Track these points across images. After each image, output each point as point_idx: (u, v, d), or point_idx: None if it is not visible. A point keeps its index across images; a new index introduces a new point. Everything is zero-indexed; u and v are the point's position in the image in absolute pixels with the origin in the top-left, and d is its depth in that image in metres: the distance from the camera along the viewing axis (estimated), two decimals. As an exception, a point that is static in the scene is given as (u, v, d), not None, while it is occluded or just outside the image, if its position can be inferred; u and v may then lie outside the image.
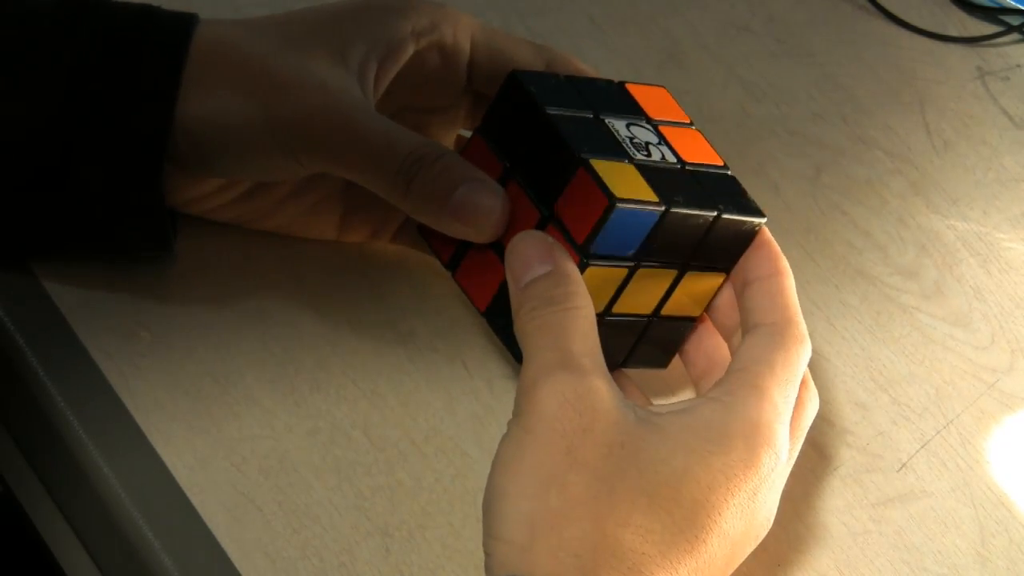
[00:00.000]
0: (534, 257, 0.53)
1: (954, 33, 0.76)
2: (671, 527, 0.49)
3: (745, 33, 0.75)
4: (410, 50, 0.58)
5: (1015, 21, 0.76)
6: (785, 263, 0.56)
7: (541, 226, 0.54)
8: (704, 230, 0.54)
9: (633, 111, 0.57)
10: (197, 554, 0.55)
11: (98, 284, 0.60)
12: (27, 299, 0.60)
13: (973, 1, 0.77)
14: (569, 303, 0.52)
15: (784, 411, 0.52)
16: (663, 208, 0.53)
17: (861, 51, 0.75)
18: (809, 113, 0.72)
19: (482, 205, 0.54)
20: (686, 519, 0.49)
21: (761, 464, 0.51)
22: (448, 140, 0.63)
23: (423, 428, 0.59)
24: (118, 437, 0.57)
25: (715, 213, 0.54)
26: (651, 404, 0.56)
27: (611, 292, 0.55)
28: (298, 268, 0.62)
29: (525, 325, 0.52)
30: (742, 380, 0.52)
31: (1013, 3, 0.77)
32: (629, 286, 0.55)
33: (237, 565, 0.55)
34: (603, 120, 0.55)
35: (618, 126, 0.56)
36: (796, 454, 0.55)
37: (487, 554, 0.50)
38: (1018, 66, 0.75)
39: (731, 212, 0.54)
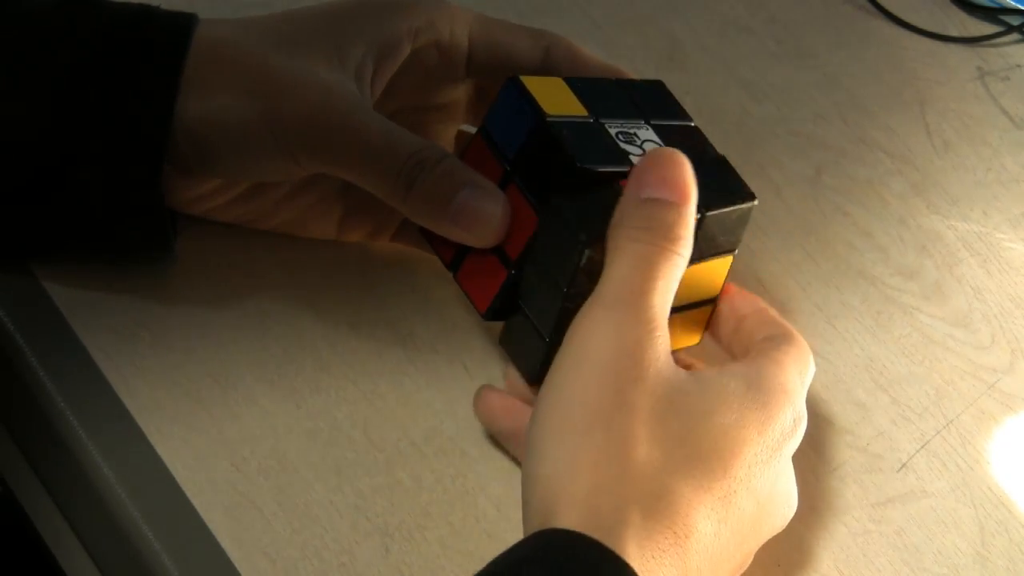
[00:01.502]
0: (670, 179, 0.53)
1: (954, 33, 0.76)
2: (706, 476, 0.51)
3: (745, 33, 0.75)
4: (407, 49, 0.58)
5: (1015, 21, 0.76)
6: (759, 300, 0.58)
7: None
8: (695, 228, 0.54)
9: (632, 112, 0.57)
10: (197, 554, 0.55)
11: (98, 284, 0.60)
12: (27, 299, 0.60)
13: (973, 1, 0.77)
14: (675, 247, 0.52)
15: (800, 387, 0.54)
16: None
17: (861, 51, 0.75)
18: (810, 114, 0.72)
19: (483, 211, 0.54)
20: (720, 470, 0.51)
21: (783, 419, 0.53)
22: (448, 136, 0.63)
23: (423, 428, 0.59)
24: (118, 437, 0.57)
25: (700, 215, 0.54)
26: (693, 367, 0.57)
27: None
28: (298, 268, 0.62)
29: (626, 240, 0.52)
30: (763, 355, 0.54)
31: (1013, 3, 0.77)
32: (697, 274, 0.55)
33: (237, 565, 0.55)
34: (603, 124, 0.55)
35: (616, 128, 0.56)
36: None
37: (524, 502, 0.51)
38: (1018, 66, 0.75)
39: (718, 207, 0.54)
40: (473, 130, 0.62)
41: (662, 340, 0.52)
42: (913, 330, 0.65)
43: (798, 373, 0.55)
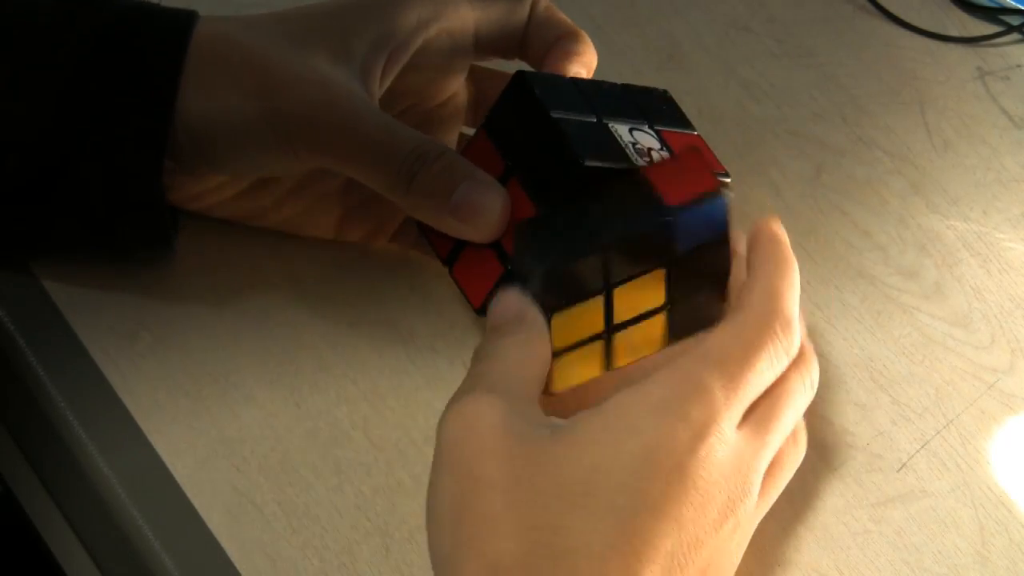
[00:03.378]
0: (507, 307, 0.53)
1: (954, 33, 0.76)
2: (589, 519, 0.47)
3: (745, 33, 0.75)
4: (419, 40, 0.58)
5: (1015, 21, 0.76)
6: (786, 255, 0.55)
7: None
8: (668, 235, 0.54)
9: (636, 115, 0.57)
10: (197, 554, 0.55)
11: (98, 284, 0.60)
12: (27, 299, 0.60)
13: (973, 1, 0.77)
14: (516, 335, 0.52)
15: (719, 384, 0.50)
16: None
17: (861, 51, 0.75)
18: (809, 113, 0.72)
19: (483, 204, 0.54)
20: (604, 506, 0.47)
21: (678, 438, 0.48)
22: (451, 136, 0.63)
23: (423, 428, 0.59)
24: (118, 437, 0.57)
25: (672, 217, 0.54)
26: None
27: (599, 313, 0.55)
28: (298, 268, 0.62)
29: (471, 362, 0.52)
30: (666, 364, 0.50)
31: (1013, 3, 0.77)
32: (616, 300, 0.54)
33: (237, 565, 0.55)
34: (607, 124, 0.56)
35: (621, 131, 0.56)
36: (770, 500, 0.53)
37: None
38: (1018, 66, 0.75)
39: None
40: (473, 133, 0.62)
41: (500, 402, 0.49)
42: (913, 330, 0.65)
43: (720, 376, 0.50)
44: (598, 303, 0.54)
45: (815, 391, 0.54)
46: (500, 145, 0.56)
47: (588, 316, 0.54)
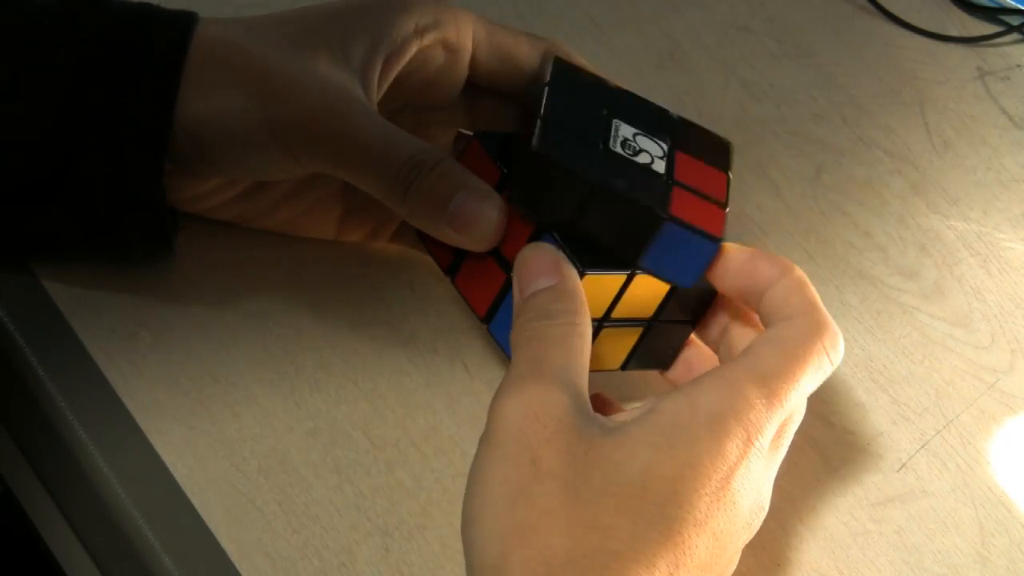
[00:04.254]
0: (540, 270, 0.53)
1: (954, 33, 0.76)
2: (640, 523, 0.48)
3: (745, 33, 0.75)
4: (414, 47, 0.58)
5: (1015, 21, 0.76)
6: (786, 261, 0.55)
7: (537, 233, 0.54)
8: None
9: (643, 125, 0.57)
10: (197, 554, 0.55)
11: (98, 284, 0.60)
12: (27, 299, 0.60)
13: (973, 1, 0.77)
14: (564, 319, 0.52)
15: (761, 402, 0.51)
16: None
17: (861, 51, 0.75)
18: (809, 113, 0.72)
19: (479, 214, 0.54)
20: (656, 514, 0.48)
21: (727, 453, 0.49)
22: (447, 139, 0.63)
23: (423, 428, 0.59)
24: (118, 437, 0.57)
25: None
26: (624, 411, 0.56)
27: (610, 298, 0.55)
28: (298, 268, 0.62)
29: (518, 336, 0.52)
30: (714, 374, 0.52)
31: (1013, 3, 0.77)
32: (627, 291, 0.55)
33: (237, 565, 0.55)
34: (605, 123, 0.55)
35: (619, 131, 0.55)
36: (780, 455, 0.54)
37: None
38: (1018, 66, 0.75)
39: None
40: (470, 132, 0.62)
41: (565, 396, 0.50)
42: (913, 330, 0.65)
43: (763, 391, 0.51)
44: (618, 281, 0.54)
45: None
46: (495, 152, 0.56)
47: (603, 293, 0.54)
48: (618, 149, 0.55)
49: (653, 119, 0.57)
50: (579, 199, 0.53)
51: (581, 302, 0.53)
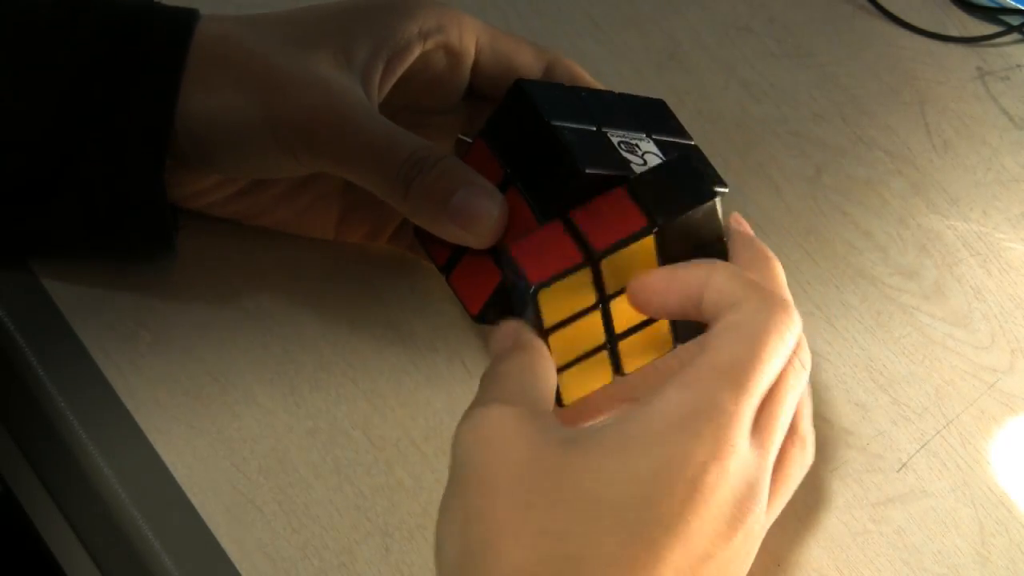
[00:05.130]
0: (504, 336, 0.53)
1: (954, 33, 0.76)
2: (598, 527, 0.47)
3: (745, 33, 0.75)
4: (417, 51, 0.58)
5: (1015, 21, 0.76)
6: (762, 247, 0.54)
7: (539, 224, 0.54)
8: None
9: (635, 125, 0.57)
10: (197, 554, 0.55)
11: (98, 284, 0.60)
12: (27, 299, 0.60)
13: (973, 1, 0.77)
14: (519, 356, 0.52)
15: (729, 397, 0.49)
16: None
17: (861, 51, 0.75)
18: (809, 113, 0.72)
19: (480, 210, 0.54)
20: (621, 521, 0.47)
21: (694, 455, 0.48)
22: (447, 143, 0.63)
23: (423, 428, 0.59)
24: (118, 437, 0.57)
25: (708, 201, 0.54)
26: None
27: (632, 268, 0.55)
28: (298, 268, 0.62)
29: (479, 387, 0.52)
30: (675, 380, 0.50)
31: (1013, 3, 0.77)
32: (615, 309, 0.55)
33: (237, 565, 0.55)
34: (604, 133, 0.56)
35: (618, 137, 0.56)
36: (779, 506, 0.53)
37: None
38: (1018, 66, 0.75)
39: (675, 214, 0.54)
40: (469, 139, 0.62)
41: (512, 411, 0.49)
42: (913, 330, 0.65)
43: (726, 387, 0.49)
44: (596, 317, 0.54)
45: (808, 369, 0.53)
46: (499, 153, 0.56)
47: (587, 330, 0.54)
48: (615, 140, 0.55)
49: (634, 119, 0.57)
50: (533, 136, 0.54)
51: (536, 345, 0.52)
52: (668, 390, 0.49)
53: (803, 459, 0.54)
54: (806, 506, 0.59)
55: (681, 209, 0.53)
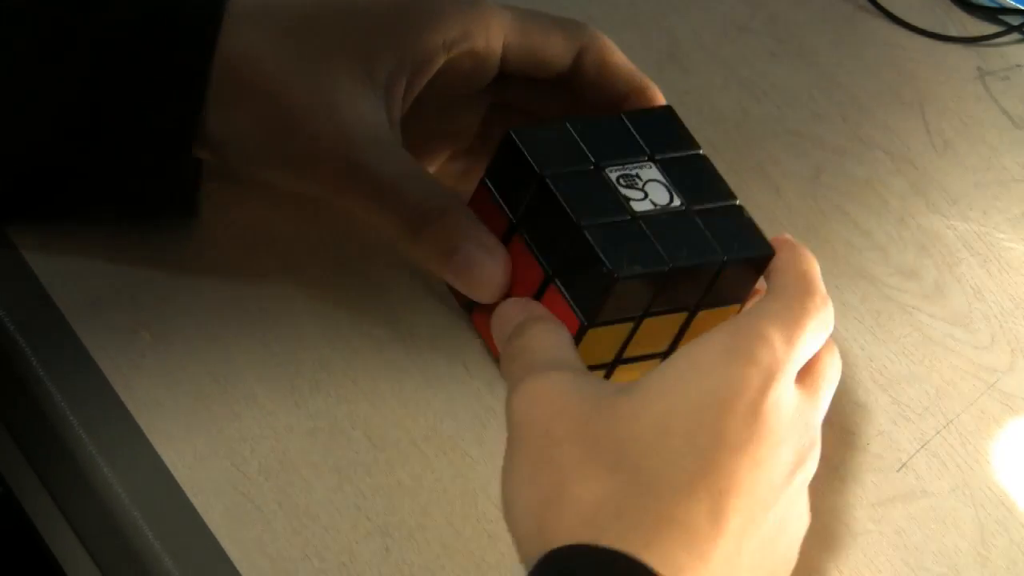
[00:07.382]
0: (512, 315, 0.54)
1: (954, 33, 0.76)
2: (667, 456, 0.48)
3: (745, 33, 0.75)
4: (440, 61, 0.58)
5: (1015, 21, 0.76)
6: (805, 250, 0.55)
7: (545, 285, 0.55)
8: (711, 276, 0.54)
9: (635, 150, 0.56)
10: (197, 554, 0.55)
11: (99, 285, 0.60)
12: (27, 299, 0.60)
13: (973, 1, 0.77)
14: (542, 320, 0.53)
15: (778, 334, 0.50)
16: (667, 268, 0.53)
17: (861, 51, 0.75)
18: (809, 113, 0.72)
19: (482, 269, 0.55)
20: (682, 445, 0.48)
21: (749, 379, 0.49)
22: (475, 118, 0.62)
23: (423, 428, 0.59)
24: (118, 437, 0.57)
25: (721, 260, 0.54)
26: None
27: (620, 343, 0.55)
28: (298, 268, 0.62)
29: (505, 360, 0.53)
30: (722, 325, 0.51)
31: (1013, 3, 0.77)
32: (638, 333, 0.55)
33: (237, 565, 0.55)
34: (602, 170, 0.55)
35: (617, 172, 0.55)
36: (820, 401, 0.53)
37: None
38: (1018, 66, 0.75)
39: (737, 255, 0.54)
40: (480, 164, 0.62)
41: (564, 374, 0.51)
42: (913, 330, 0.65)
43: (772, 331, 0.50)
44: (625, 329, 0.55)
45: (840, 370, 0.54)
46: (501, 200, 0.56)
47: (610, 340, 0.55)
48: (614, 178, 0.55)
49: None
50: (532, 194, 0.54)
51: (545, 312, 0.54)
52: (717, 331, 0.50)
53: (834, 365, 0.55)
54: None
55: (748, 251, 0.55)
